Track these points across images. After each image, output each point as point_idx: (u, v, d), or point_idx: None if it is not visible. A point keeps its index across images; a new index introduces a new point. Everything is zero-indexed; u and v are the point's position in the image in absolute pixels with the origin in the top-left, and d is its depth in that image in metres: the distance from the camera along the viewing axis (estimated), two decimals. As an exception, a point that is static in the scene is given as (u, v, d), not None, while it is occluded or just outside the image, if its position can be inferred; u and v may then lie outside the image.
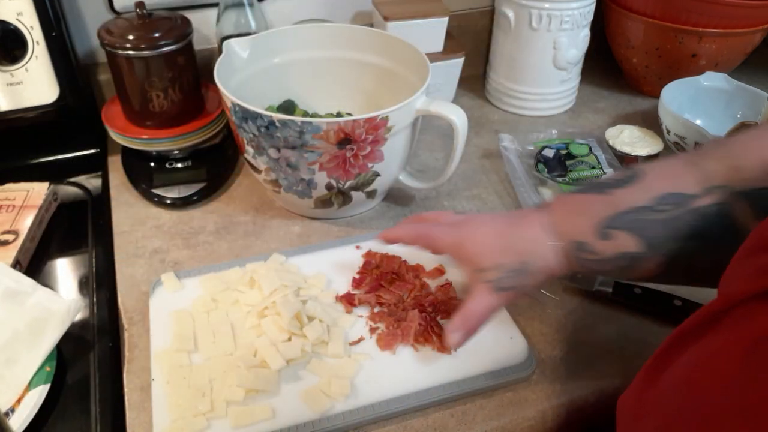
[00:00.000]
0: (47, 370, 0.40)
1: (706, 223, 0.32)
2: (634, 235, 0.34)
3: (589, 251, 0.35)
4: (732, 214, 0.32)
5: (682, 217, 0.33)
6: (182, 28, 0.55)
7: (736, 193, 0.32)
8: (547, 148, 0.62)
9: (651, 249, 0.33)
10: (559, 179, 0.59)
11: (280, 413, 0.38)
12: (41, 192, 0.54)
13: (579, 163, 0.60)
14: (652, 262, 0.34)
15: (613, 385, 0.42)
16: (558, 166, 0.60)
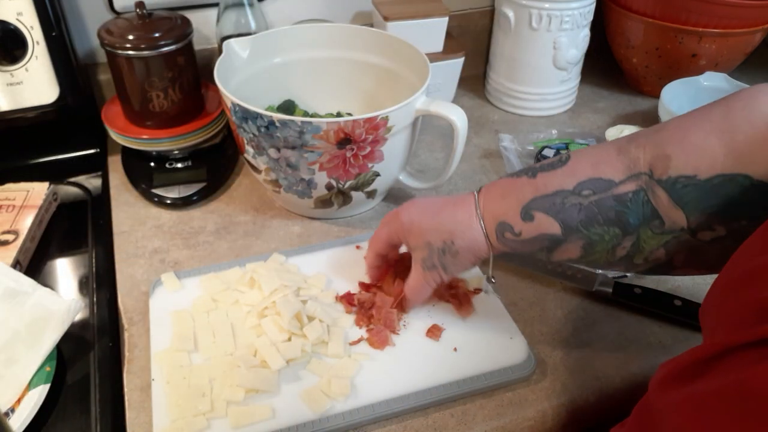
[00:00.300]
0: (47, 370, 0.40)
1: (625, 209, 0.33)
2: (553, 218, 0.35)
3: (512, 232, 0.37)
4: (651, 200, 0.32)
5: (603, 203, 0.33)
6: (182, 28, 0.55)
7: (655, 180, 0.32)
8: (547, 148, 0.62)
9: (569, 232, 0.34)
10: None
11: (280, 413, 0.38)
12: (41, 192, 0.54)
13: None
14: (572, 245, 0.35)
15: (612, 385, 0.42)
16: None
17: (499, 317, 0.45)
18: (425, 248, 0.40)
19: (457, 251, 0.39)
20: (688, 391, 0.23)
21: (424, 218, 0.41)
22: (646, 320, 0.47)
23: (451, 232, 0.39)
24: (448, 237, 0.39)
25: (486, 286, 0.48)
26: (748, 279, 0.23)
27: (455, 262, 0.40)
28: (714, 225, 0.31)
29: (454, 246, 0.39)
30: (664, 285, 0.50)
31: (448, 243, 0.39)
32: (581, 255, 0.35)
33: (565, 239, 0.35)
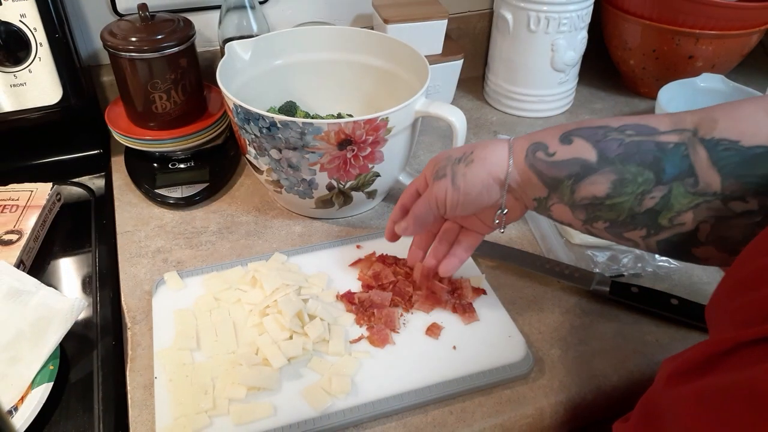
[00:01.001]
0: (50, 369, 0.40)
1: (664, 156, 0.32)
2: (591, 145, 0.34)
3: (545, 151, 0.36)
4: (691, 156, 0.32)
5: (643, 144, 0.33)
6: (185, 30, 0.56)
7: (698, 138, 0.32)
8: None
9: (603, 162, 0.34)
10: None
11: (281, 411, 0.39)
12: (45, 192, 0.55)
13: None
14: (603, 177, 0.34)
15: (610, 383, 0.43)
16: None
17: (497, 316, 0.46)
18: (443, 159, 0.39)
19: (472, 160, 0.37)
20: (697, 386, 0.23)
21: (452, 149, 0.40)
22: (644, 319, 0.47)
23: (473, 146, 0.38)
24: (468, 149, 0.38)
25: (486, 285, 0.48)
26: (757, 277, 0.23)
27: (465, 173, 0.37)
28: (747, 197, 0.31)
29: (471, 155, 0.38)
30: (660, 284, 0.50)
31: (466, 153, 0.38)
32: (608, 192, 0.34)
33: (597, 169, 0.34)
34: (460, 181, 0.38)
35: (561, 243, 0.53)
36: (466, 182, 0.38)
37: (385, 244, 0.52)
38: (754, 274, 0.24)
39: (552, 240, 0.53)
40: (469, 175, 0.38)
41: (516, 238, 0.55)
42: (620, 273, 0.50)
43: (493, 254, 0.51)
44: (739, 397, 0.20)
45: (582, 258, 0.52)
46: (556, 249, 0.52)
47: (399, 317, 0.45)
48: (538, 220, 0.56)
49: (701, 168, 0.32)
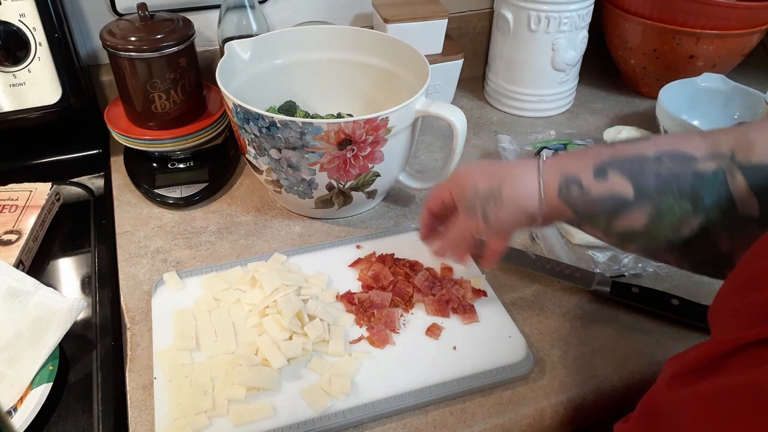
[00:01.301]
0: (50, 369, 0.40)
1: (702, 186, 0.32)
2: (628, 180, 0.33)
3: (579, 186, 0.35)
4: (729, 183, 0.31)
5: (680, 175, 0.32)
6: (184, 29, 0.56)
7: (737, 164, 0.31)
8: (545, 149, 0.62)
9: (641, 197, 0.33)
10: None
11: (280, 411, 0.38)
12: (44, 192, 0.55)
13: None
14: (640, 212, 0.33)
15: (611, 384, 0.43)
16: None
17: (498, 316, 0.46)
18: (470, 190, 0.38)
19: (502, 201, 0.36)
20: (699, 388, 0.23)
21: (477, 167, 0.39)
22: (644, 319, 0.47)
23: (502, 176, 0.37)
24: (496, 181, 0.37)
25: (487, 285, 0.48)
26: (759, 279, 0.23)
27: (497, 213, 0.37)
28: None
29: (501, 194, 0.36)
30: (661, 284, 0.50)
31: (494, 188, 0.37)
32: (646, 224, 0.33)
33: (634, 204, 0.33)
34: (493, 219, 0.38)
35: (561, 243, 0.53)
36: (498, 220, 0.38)
37: (384, 244, 0.52)
38: (756, 276, 0.24)
39: (552, 240, 0.53)
40: (501, 215, 0.37)
41: (516, 238, 0.55)
42: (621, 273, 0.50)
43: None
44: (743, 399, 0.20)
45: (582, 258, 0.52)
46: (556, 249, 0.52)
47: (399, 317, 0.45)
48: None
49: (740, 195, 0.31)
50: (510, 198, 0.37)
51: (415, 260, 0.50)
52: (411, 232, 0.54)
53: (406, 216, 0.57)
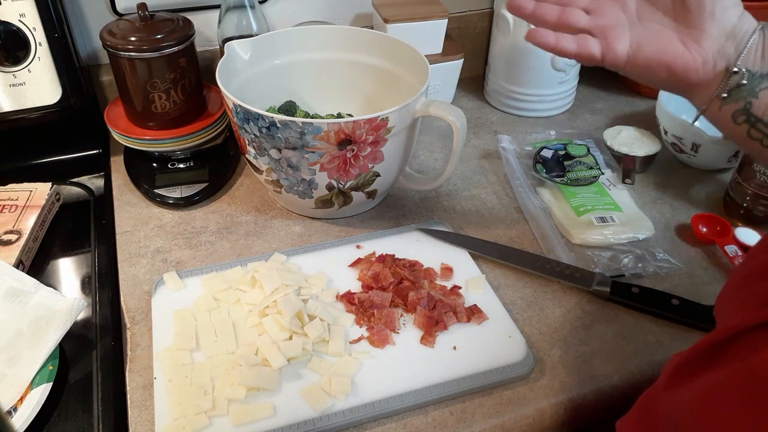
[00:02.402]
0: (50, 369, 0.40)
1: None
2: None
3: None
4: None
5: None
6: (184, 29, 0.56)
7: None
8: (545, 149, 0.63)
9: None
10: (557, 179, 0.59)
11: (280, 411, 0.38)
12: (44, 192, 0.55)
13: (577, 164, 0.61)
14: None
15: (611, 384, 0.43)
16: (556, 167, 0.61)
17: (497, 316, 0.46)
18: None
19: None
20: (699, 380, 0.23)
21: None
22: (644, 319, 0.47)
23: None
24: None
25: (486, 285, 0.48)
26: (762, 270, 0.24)
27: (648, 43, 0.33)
28: None
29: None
30: (661, 284, 0.50)
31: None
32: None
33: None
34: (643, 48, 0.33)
35: (562, 243, 0.53)
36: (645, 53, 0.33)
37: (384, 244, 0.52)
38: (761, 266, 0.24)
39: (552, 240, 0.53)
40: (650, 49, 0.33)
41: (516, 238, 0.55)
42: (621, 273, 0.50)
43: (493, 254, 0.51)
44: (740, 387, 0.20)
45: (582, 258, 0.52)
46: (556, 249, 0.52)
47: (399, 317, 0.45)
48: (538, 220, 0.56)
49: None
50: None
51: (415, 260, 0.50)
52: (411, 232, 0.54)
53: (406, 216, 0.57)
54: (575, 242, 0.53)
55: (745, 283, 0.25)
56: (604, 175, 0.60)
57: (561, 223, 0.55)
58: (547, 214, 0.56)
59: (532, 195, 0.58)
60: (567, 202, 0.56)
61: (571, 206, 0.56)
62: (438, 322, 0.44)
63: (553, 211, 0.56)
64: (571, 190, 0.58)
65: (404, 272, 0.48)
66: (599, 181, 0.59)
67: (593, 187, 0.58)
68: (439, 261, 0.50)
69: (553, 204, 0.57)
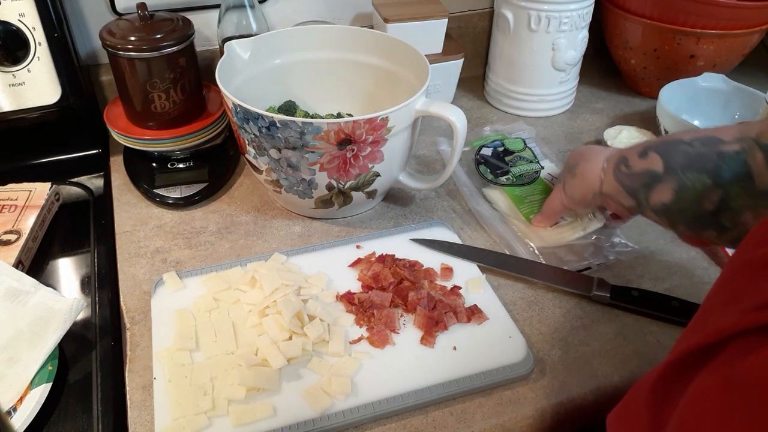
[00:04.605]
0: (49, 369, 0.40)
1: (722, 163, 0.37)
2: (661, 157, 0.40)
3: (626, 165, 0.42)
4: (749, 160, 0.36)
5: (705, 155, 0.37)
6: (184, 29, 0.56)
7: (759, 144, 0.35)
8: (484, 147, 0.61)
9: (668, 172, 0.39)
10: (502, 178, 0.57)
11: (280, 411, 0.38)
12: (43, 192, 0.55)
13: (517, 159, 0.59)
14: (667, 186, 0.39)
15: (611, 384, 0.42)
16: (499, 164, 0.59)
17: (498, 316, 0.46)
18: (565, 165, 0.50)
19: (575, 174, 0.47)
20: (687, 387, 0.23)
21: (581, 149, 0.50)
22: (644, 319, 0.47)
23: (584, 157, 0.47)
24: (579, 160, 0.48)
25: (487, 285, 0.48)
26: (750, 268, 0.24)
27: (571, 184, 0.48)
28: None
29: (577, 169, 0.47)
30: (661, 285, 0.50)
31: (576, 164, 0.47)
32: (672, 198, 0.39)
33: (663, 178, 0.39)
34: (568, 188, 0.49)
35: (527, 247, 0.52)
36: (571, 191, 0.48)
37: (384, 244, 0.52)
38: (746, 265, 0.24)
39: (516, 246, 0.52)
40: (573, 185, 0.48)
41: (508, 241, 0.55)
42: (588, 266, 0.51)
43: (490, 262, 0.50)
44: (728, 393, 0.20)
45: (551, 258, 0.51)
46: (522, 254, 0.52)
47: (399, 318, 0.45)
48: (495, 227, 0.54)
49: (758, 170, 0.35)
50: (581, 173, 0.47)
51: (415, 260, 0.50)
52: (411, 232, 0.54)
53: (406, 216, 0.57)
54: (537, 245, 0.52)
55: (736, 280, 0.25)
56: (544, 169, 0.59)
57: (519, 228, 0.54)
58: (504, 220, 0.55)
59: (481, 200, 0.57)
60: (517, 210, 0.55)
61: (521, 214, 0.55)
62: (438, 323, 0.44)
63: (509, 218, 0.55)
64: (518, 194, 0.56)
65: (404, 272, 0.48)
66: (541, 177, 0.58)
67: (538, 185, 0.57)
68: (439, 261, 0.50)
69: (506, 209, 0.56)
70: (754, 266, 0.23)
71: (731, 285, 0.25)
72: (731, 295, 0.24)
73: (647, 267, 0.52)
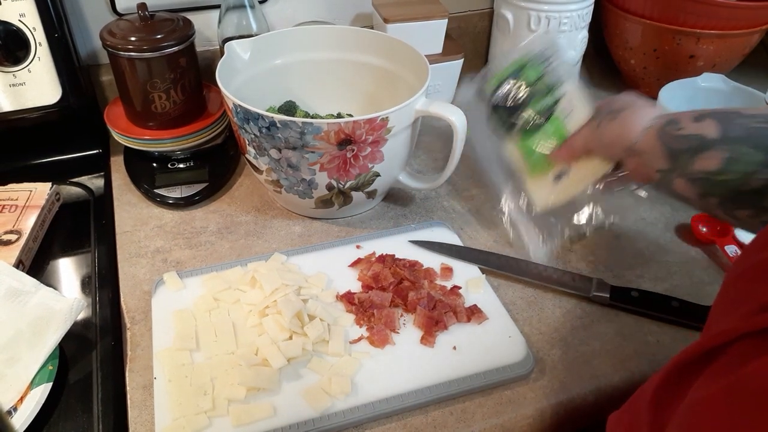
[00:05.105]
0: (50, 369, 0.40)
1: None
2: (718, 124, 0.38)
3: (676, 126, 0.39)
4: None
5: (764, 130, 0.36)
6: (184, 29, 0.56)
7: None
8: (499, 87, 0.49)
9: (722, 141, 0.37)
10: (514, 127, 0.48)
11: (280, 411, 0.38)
12: (44, 192, 0.55)
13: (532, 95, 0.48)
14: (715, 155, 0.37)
15: (611, 384, 0.43)
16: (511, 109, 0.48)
17: (497, 316, 0.46)
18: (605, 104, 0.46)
19: (617, 117, 0.43)
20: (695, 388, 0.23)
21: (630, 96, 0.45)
22: (644, 319, 0.47)
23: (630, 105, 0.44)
24: (624, 105, 0.44)
25: (486, 285, 0.48)
26: (752, 272, 0.24)
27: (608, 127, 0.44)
28: None
29: (622, 113, 0.43)
30: (661, 285, 0.50)
31: (619, 109, 0.44)
32: (719, 169, 0.37)
33: (714, 145, 0.37)
34: (602, 130, 0.44)
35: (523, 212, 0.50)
36: (604, 133, 0.44)
37: (384, 244, 0.52)
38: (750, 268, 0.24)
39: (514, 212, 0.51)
40: (610, 128, 0.44)
41: (516, 238, 0.55)
42: (583, 232, 0.50)
43: (489, 264, 0.50)
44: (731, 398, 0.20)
45: (544, 225, 0.49)
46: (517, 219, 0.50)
47: (399, 318, 0.45)
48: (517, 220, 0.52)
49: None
50: (624, 119, 0.43)
51: (415, 260, 0.50)
52: (411, 232, 0.54)
53: (406, 216, 0.57)
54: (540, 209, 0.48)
55: (738, 285, 0.25)
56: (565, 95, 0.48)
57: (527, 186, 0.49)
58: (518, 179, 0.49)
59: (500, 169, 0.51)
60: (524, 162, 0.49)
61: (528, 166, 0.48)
62: (438, 322, 0.44)
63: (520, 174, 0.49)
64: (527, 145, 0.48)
65: (404, 272, 0.48)
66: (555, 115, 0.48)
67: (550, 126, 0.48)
68: (439, 261, 0.50)
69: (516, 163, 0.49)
70: (757, 270, 0.23)
71: (733, 289, 0.25)
72: (733, 299, 0.24)
73: (647, 267, 0.52)
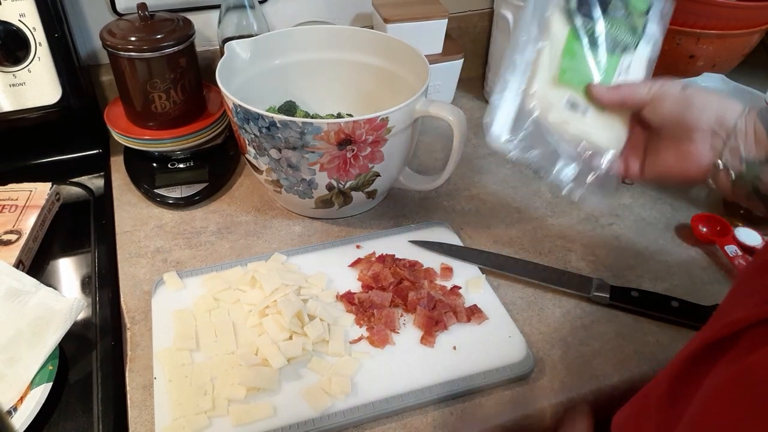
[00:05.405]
0: (50, 369, 0.40)
1: None
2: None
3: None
4: None
5: None
6: (184, 29, 0.56)
7: None
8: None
9: None
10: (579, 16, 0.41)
11: (281, 411, 0.38)
12: (44, 192, 0.55)
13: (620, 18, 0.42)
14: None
15: (611, 384, 0.43)
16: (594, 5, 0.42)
17: (497, 316, 0.46)
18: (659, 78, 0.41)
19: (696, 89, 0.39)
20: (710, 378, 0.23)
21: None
22: (644, 319, 0.47)
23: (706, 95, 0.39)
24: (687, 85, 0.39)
25: (486, 285, 0.48)
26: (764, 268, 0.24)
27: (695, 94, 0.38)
28: None
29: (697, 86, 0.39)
30: (661, 285, 0.50)
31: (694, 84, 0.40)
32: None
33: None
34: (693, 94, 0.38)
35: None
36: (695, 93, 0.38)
37: (384, 244, 0.52)
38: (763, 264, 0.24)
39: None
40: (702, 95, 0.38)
41: (516, 238, 0.55)
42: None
43: (489, 263, 0.51)
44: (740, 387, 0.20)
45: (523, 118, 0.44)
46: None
47: (399, 317, 0.45)
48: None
49: None
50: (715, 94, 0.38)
51: (415, 260, 0.50)
52: (411, 232, 0.54)
53: (406, 216, 0.57)
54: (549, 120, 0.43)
55: (747, 281, 0.25)
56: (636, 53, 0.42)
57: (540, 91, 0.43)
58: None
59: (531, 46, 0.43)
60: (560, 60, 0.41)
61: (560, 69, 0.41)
62: (438, 322, 0.44)
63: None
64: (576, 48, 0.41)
65: (404, 272, 0.48)
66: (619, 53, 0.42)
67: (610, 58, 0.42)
68: (439, 261, 0.50)
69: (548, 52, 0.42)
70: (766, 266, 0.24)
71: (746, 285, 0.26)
72: (745, 293, 0.25)
73: (647, 267, 0.52)
